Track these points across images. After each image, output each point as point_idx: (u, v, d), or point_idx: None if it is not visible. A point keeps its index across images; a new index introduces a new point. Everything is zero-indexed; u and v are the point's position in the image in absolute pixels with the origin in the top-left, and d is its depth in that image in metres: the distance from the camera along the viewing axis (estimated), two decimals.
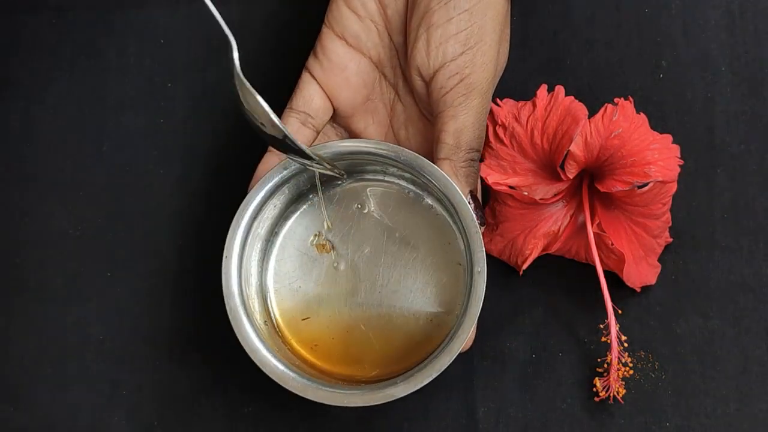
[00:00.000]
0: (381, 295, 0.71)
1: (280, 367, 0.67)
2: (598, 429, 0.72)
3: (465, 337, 0.66)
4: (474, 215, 0.67)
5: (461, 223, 0.67)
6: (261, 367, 0.67)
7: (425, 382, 0.65)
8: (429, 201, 0.71)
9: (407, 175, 0.70)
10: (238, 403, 0.74)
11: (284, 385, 0.67)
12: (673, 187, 0.70)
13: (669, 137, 0.71)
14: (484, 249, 0.67)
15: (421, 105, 0.72)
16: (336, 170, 0.68)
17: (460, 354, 0.66)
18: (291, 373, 0.67)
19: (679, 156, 0.70)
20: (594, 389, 0.72)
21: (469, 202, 0.68)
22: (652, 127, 0.71)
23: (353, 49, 0.71)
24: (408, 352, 0.70)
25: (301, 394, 0.66)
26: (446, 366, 0.65)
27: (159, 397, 0.74)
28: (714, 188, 0.76)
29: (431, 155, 0.69)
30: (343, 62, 0.71)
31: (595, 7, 0.79)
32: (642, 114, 0.71)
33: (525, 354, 0.74)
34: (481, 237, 0.67)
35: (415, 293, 0.70)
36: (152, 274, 0.76)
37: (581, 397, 0.73)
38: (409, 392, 0.65)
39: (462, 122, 0.68)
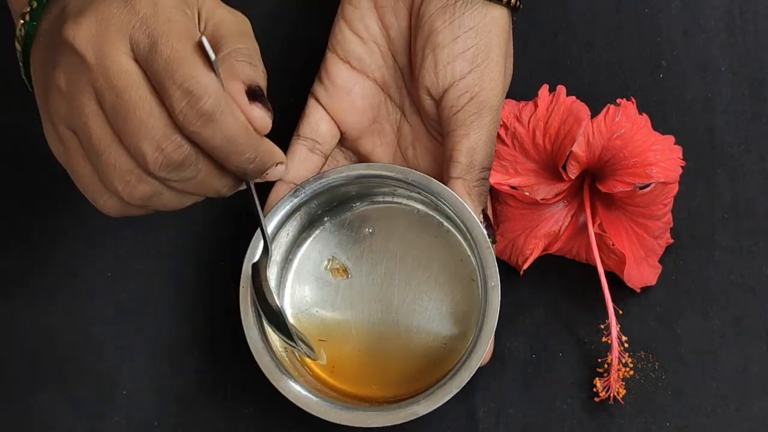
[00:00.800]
0: (397, 316, 0.71)
1: (303, 392, 0.68)
2: (598, 429, 0.72)
3: (482, 353, 0.66)
4: (485, 233, 0.68)
5: (472, 240, 0.68)
6: (284, 393, 0.67)
7: (446, 399, 0.66)
8: (439, 219, 0.72)
9: (415, 194, 0.71)
10: (238, 403, 0.74)
11: (307, 410, 0.67)
12: (675, 188, 0.70)
13: (671, 138, 0.71)
14: (496, 264, 0.67)
15: (429, 124, 0.72)
16: (312, 354, 0.70)
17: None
18: (313, 397, 0.67)
19: (681, 157, 0.71)
20: (594, 389, 0.72)
21: (480, 221, 0.68)
22: (652, 127, 0.71)
23: (357, 72, 0.72)
24: (426, 370, 0.70)
25: (324, 418, 0.67)
26: (466, 382, 0.66)
27: (159, 397, 0.74)
28: (714, 188, 0.76)
29: (440, 174, 0.70)
30: (348, 86, 0.71)
31: (595, 8, 0.79)
32: (644, 115, 0.71)
33: (525, 354, 0.74)
34: (493, 252, 0.67)
35: (430, 311, 0.71)
36: (152, 274, 0.76)
37: (581, 397, 0.73)
38: (431, 410, 0.66)
39: (475, 141, 0.68)
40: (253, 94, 0.61)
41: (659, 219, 0.71)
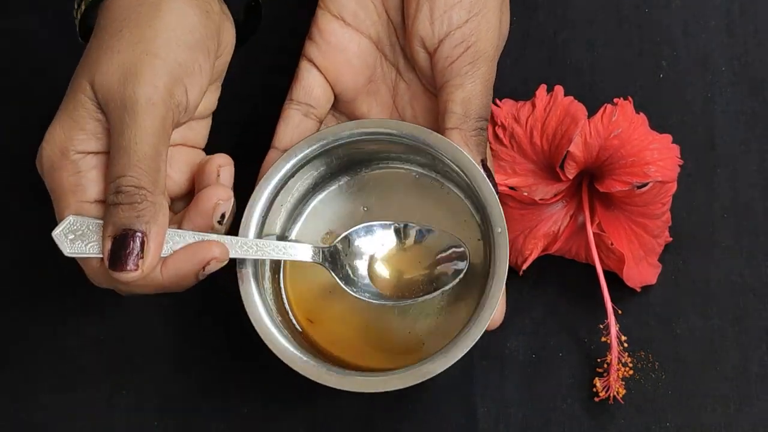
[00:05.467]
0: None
1: (312, 363, 0.65)
2: (598, 429, 0.72)
3: (494, 304, 0.64)
4: (486, 178, 0.65)
5: (475, 189, 0.66)
6: (291, 365, 0.65)
7: (460, 355, 0.63)
8: (439, 180, 0.70)
9: (411, 157, 0.70)
10: (238, 403, 0.74)
11: (319, 381, 0.65)
12: (673, 187, 0.70)
13: (668, 137, 0.71)
14: (501, 209, 0.65)
15: (424, 79, 0.70)
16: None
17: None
18: (323, 368, 0.65)
19: (679, 156, 0.70)
20: (594, 389, 0.72)
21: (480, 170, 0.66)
22: (652, 127, 0.71)
23: (352, 28, 0.70)
24: (437, 336, 0.68)
25: (338, 387, 0.65)
26: (479, 337, 0.63)
27: (159, 397, 0.74)
28: (714, 188, 0.76)
29: (439, 130, 0.68)
30: (343, 44, 0.70)
31: (595, 7, 0.79)
32: (641, 114, 0.71)
33: (525, 354, 0.74)
34: (497, 198, 0.65)
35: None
36: None
37: (581, 397, 0.73)
38: (447, 367, 0.63)
39: (470, 91, 0.67)
40: (116, 249, 0.62)
41: (658, 218, 0.71)
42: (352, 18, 0.70)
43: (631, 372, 0.72)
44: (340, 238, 0.68)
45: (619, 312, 0.72)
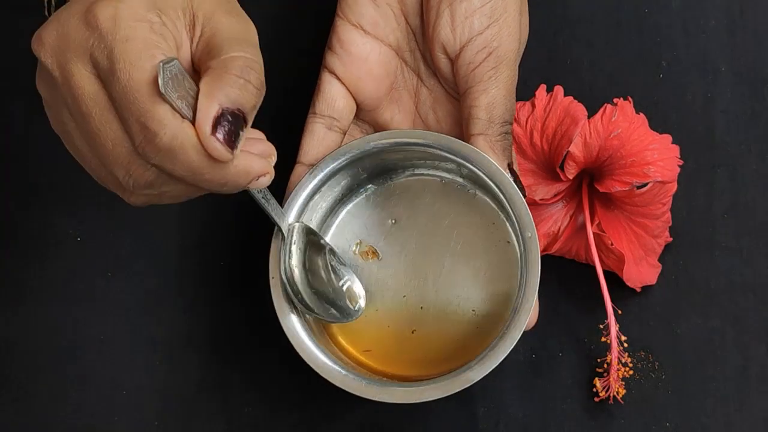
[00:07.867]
0: (435, 290, 0.69)
1: (351, 376, 0.66)
2: (598, 429, 0.72)
3: (530, 308, 0.64)
4: (515, 185, 0.66)
5: (503, 194, 0.66)
6: (331, 380, 0.65)
7: (500, 360, 0.64)
8: (465, 184, 0.70)
9: (437, 163, 0.70)
10: (238, 403, 0.74)
11: (358, 393, 0.65)
12: (673, 187, 0.70)
13: (668, 137, 0.71)
14: (531, 215, 0.65)
15: (446, 84, 0.70)
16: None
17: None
18: (363, 380, 0.65)
19: (679, 156, 0.71)
20: (594, 389, 0.72)
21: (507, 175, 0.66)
22: (652, 127, 0.71)
23: (372, 37, 0.70)
24: (472, 342, 0.68)
25: (377, 399, 0.65)
26: (516, 341, 0.64)
27: (159, 397, 0.74)
28: (714, 188, 0.76)
29: (462, 135, 0.68)
30: (364, 53, 0.69)
31: (595, 7, 0.79)
32: (641, 114, 0.71)
33: (525, 354, 0.74)
34: (526, 204, 0.66)
35: (468, 280, 0.69)
36: (152, 274, 0.76)
37: (581, 397, 0.73)
38: (485, 374, 0.64)
39: (493, 96, 0.67)
40: (222, 120, 0.55)
41: (658, 218, 0.71)
42: (371, 26, 0.69)
43: (631, 372, 0.72)
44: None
45: (619, 312, 0.72)
